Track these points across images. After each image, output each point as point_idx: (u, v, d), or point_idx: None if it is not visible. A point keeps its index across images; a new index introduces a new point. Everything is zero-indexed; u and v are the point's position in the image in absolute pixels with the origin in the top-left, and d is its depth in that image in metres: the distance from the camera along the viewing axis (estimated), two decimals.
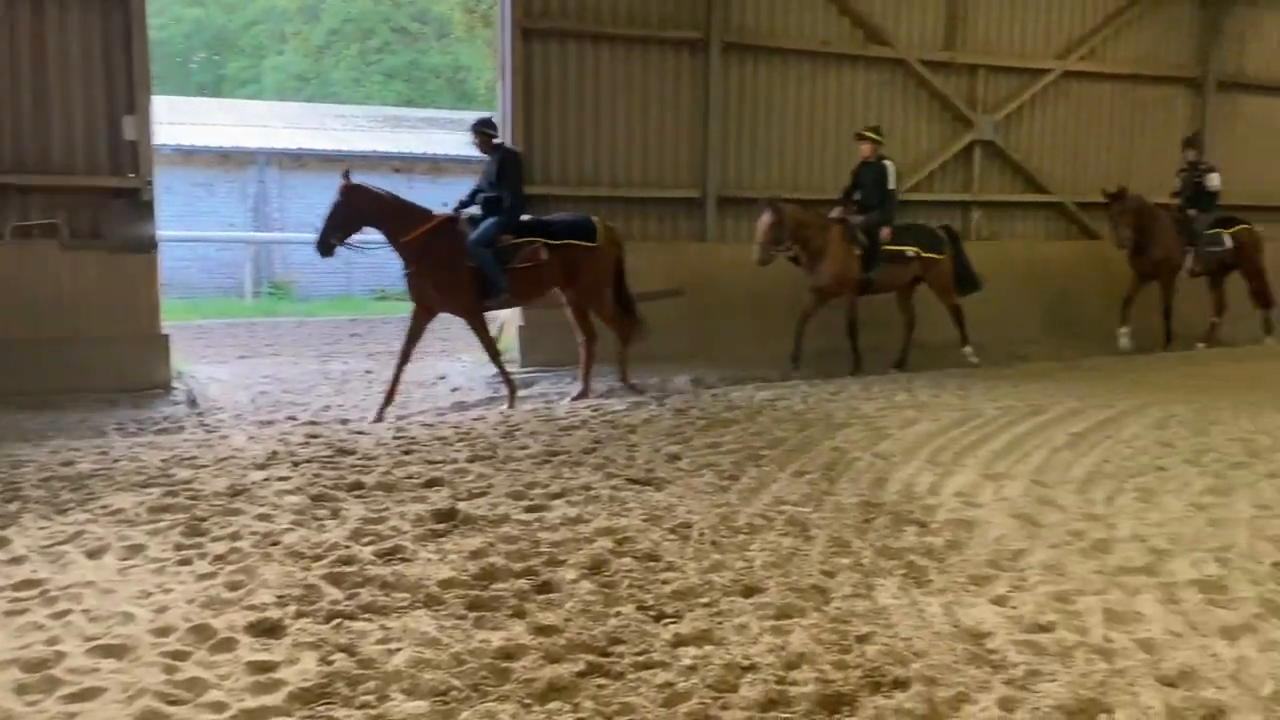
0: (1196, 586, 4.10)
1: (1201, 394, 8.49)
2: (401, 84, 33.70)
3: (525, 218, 8.43)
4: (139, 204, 8.55)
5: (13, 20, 8.20)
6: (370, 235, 8.30)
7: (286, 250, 20.13)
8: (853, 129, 10.81)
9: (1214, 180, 11.18)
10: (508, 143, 8.72)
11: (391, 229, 8.05)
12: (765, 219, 9.21)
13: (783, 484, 5.61)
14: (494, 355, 8.44)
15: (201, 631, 3.60)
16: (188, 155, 19.55)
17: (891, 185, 9.80)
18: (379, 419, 7.62)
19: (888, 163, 9.80)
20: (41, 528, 4.74)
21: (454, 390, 8.89)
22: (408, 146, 21.61)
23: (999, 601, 3.96)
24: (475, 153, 8.64)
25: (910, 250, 9.95)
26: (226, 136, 20.65)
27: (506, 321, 10.33)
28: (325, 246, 7.98)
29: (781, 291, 10.62)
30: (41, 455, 6.20)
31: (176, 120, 21.39)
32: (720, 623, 3.75)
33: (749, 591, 4.04)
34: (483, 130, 8.39)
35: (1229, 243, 11.25)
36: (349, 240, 8.11)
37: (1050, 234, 12.51)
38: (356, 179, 8.12)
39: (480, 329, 8.37)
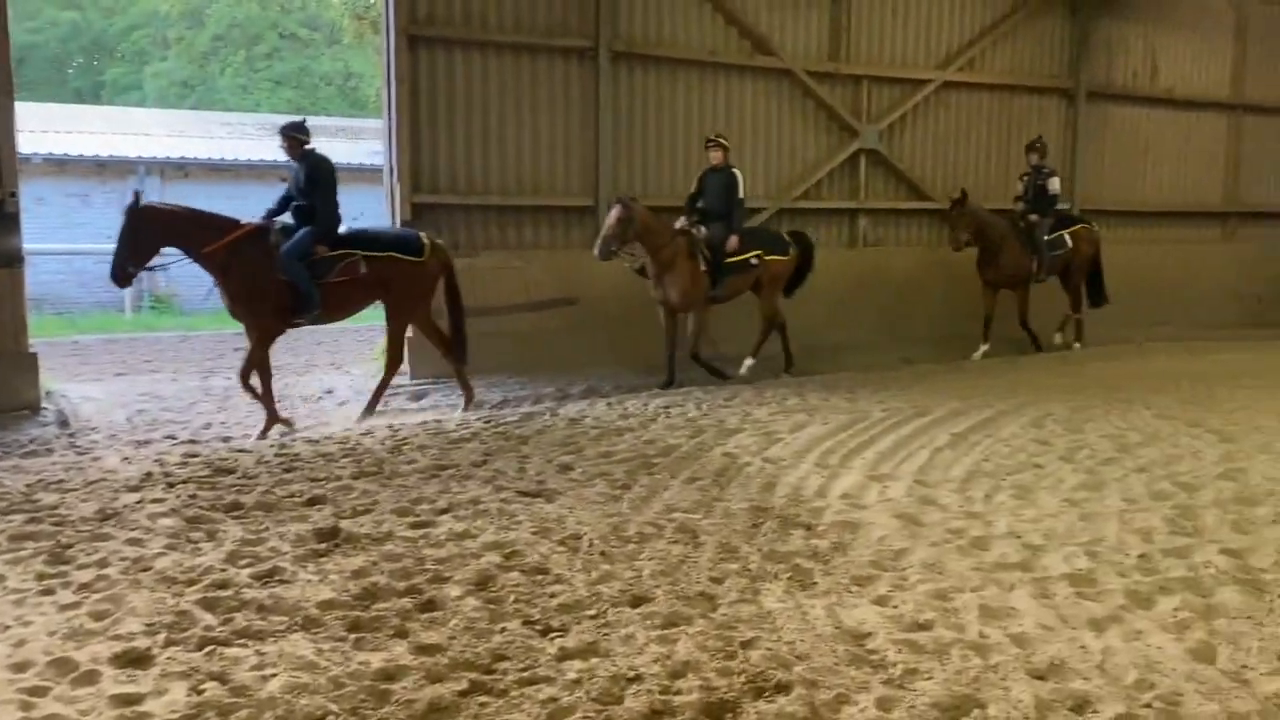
0: (1067, 580, 4.25)
1: (1077, 393, 8.83)
2: (291, 91, 32.90)
3: (344, 229, 8.05)
4: (2, 217, 8.13)
5: None
6: (177, 255, 7.77)
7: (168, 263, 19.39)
8: (740, 134, 11.00)
9: (1055, 184, 11.56)
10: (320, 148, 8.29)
11: (190, 243, 7.55)
12: (614, 214, 9.01)
13: (674, 491, 5.63)
14: (264, 379, 7.81)
15: (62, 665, 3.43)
16: (62, 165, 18.73)
17: (741, 194, 9.69)
18: (263, 438, 7.37)
19: (736, 170, 9.74)
20: None
21: (341, 404, 8.68)
22: None
23: (880, 601, 4.04)
24: (369, 160, 8.41)
25: (754, 257, 9.81)
26: (104, 145, 19.83)
27: None
28: (122, 275, 7.44)
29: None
30: None
31: (51, 128, 20.48)
32: (607, 634, 3.74)
33: (637, 601, 4.03)
34: (292, 134, 8.03)
35: (1070, 242, 11.65)
36: (151, 264, 7.64)
37: (934, 241, 12.87)
38: (244, 188, 7.77)
39: (258, 350, 7.80)
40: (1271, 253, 14.97)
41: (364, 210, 19.41)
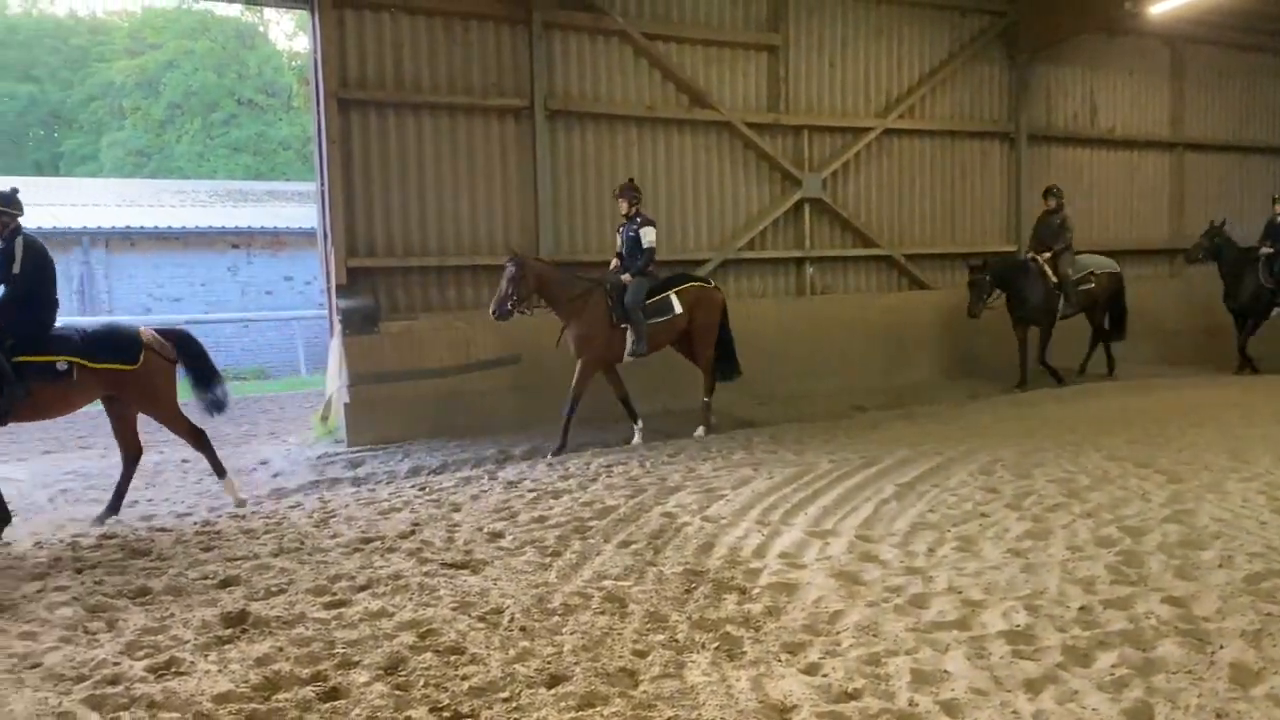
0: (1004, 638, 4.07)
1: (1027, 436, 8.73)
2: (249, 157, 32.84)
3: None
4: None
5: None
6: None
7: None
8: (681, 187, 10.94)
9: (649, 235, 9.23)
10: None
11: None
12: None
13: (606, 556, 5.41)
14: None
15: None
16: None
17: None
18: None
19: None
20: None
21: (275, 476, 8.40)
22: (246, 220, 20.89)
23: (810, 670, 3.85)
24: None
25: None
26: (49, 216, 19.55)
27: (333, 396, 9.92)
28: None
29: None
30: None
31: None
32: (518, 719, 3.51)
33: (554, 681, 3.81)
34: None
35: (678, 308, 9.39)
36: None
37: (881, 285, 12.86)
38: (192, 257, 7.45)
39: None
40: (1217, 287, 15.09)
41: (316, 274, 19.35)
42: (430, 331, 9.83)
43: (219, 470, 7.38)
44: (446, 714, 3.58)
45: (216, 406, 7.40)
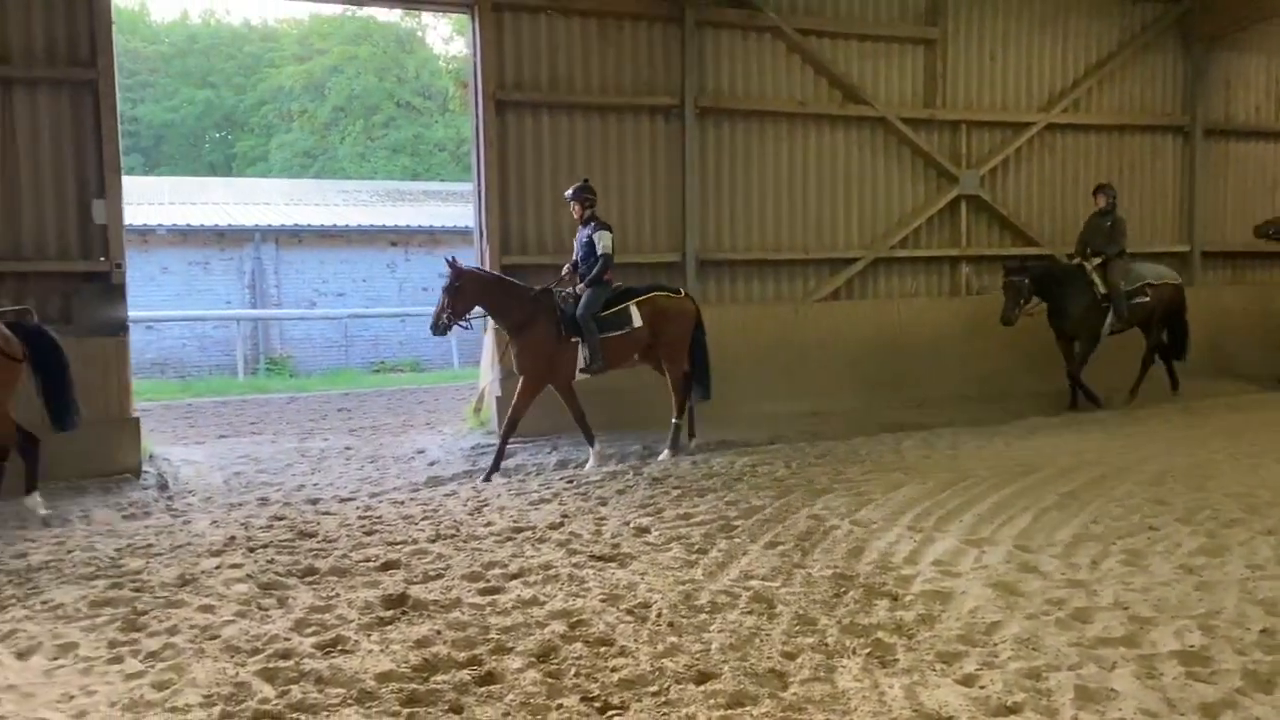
0: (1177, 659, 3.86)
1: (1200, 446, 8.25)
2: (406, 158, 34.15)
3: None
4: (110, 287, 8.48)
5: None
6: None
7: (284, 326, 20.16)
8: (833, 184, 10.75)
9: (604, 240, 8.43)
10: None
11: None
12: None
13: (753, 556, 5.39)
14: None
15: None
16: (185, 235, 19.67)
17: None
18: None
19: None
20: None
21: (431, 464, 8.70)
22: (405, 220, 21.72)
23: (966, 681, 3.73)
24: (471, 223, 8.19)
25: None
26: (223, 215, 20.81)
27: (485, 390, 10.20)
28: None
29: (776, 354, 10.51)
30: None
31: (178, 200, 21.61)
32: (667, 713, 3.54)
33: (702, 678, 3.82)
34: None
35: (637, 320, 8.57)
36: None
37: None
38: (354, 254, 7.72)
39: None
40: None
41: None
42: None
43: (29, 480, 6.96)
44: (597, 704, 3.63)
45: (58, 420, 7.04)
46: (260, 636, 4.31)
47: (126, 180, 9.00)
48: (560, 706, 3.60)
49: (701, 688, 3.72)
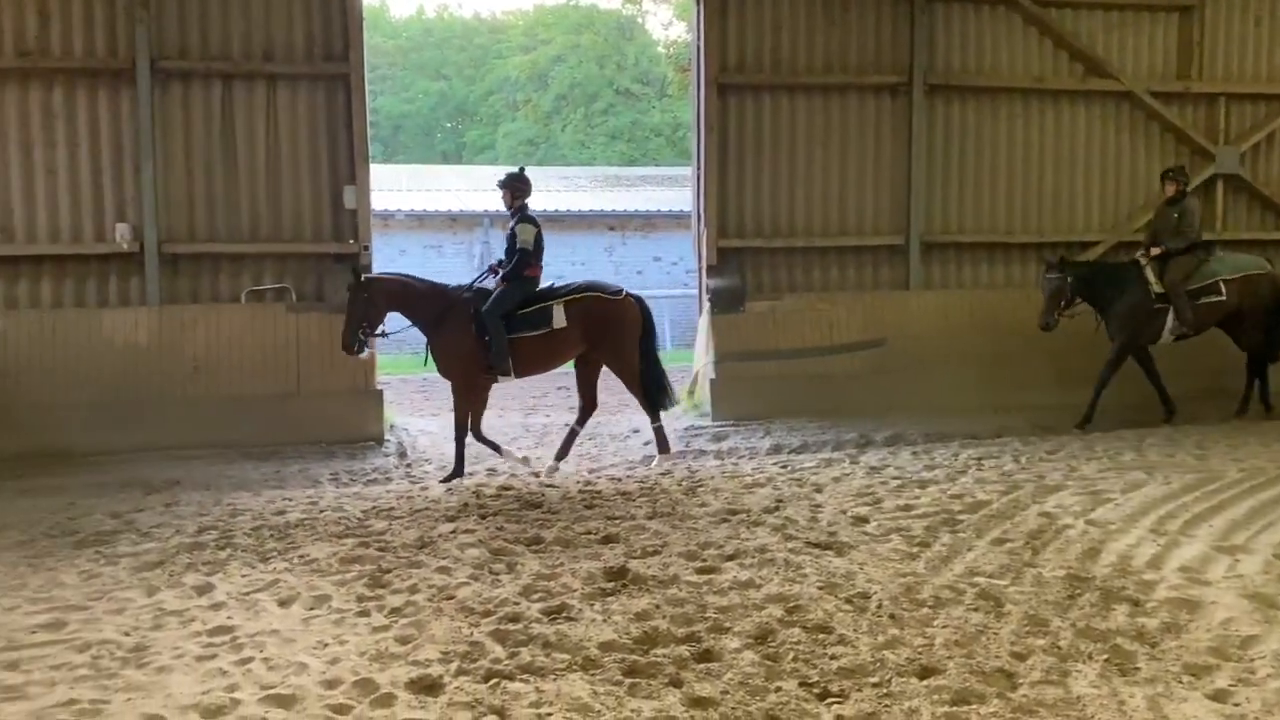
0: None
1: None
2: (623, 144, 34.91)
3: None
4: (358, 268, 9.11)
5: (250, 103, 9.05)
6: None
7: None
8: (1071, 164, 10.17)
9: (526, 234, 7.83)
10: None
11: None
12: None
13: (979, 553, 5.19)
14: None
15: (366, 686, 3.66)
16: (420, 220, 20.90)
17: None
18: None
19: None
20: (244, 575, 5.04)
21: (646, 444, 8.88)
22: (622, 205, 22.20)
23: (1218, 697, 3.46)
24: (687, 207, 8.24)
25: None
26: (455, 201, 21.94)
27: (699, 372, 10.29)
28: None
29: (993, 343, 10.05)
30: (257, 504, 6.64)
31: (414, 187, 22.99)
32: (888, 705, 3.47)
33: (925, 672, 3.72)
34: None
35: (559, 320, 7.77)
36: None
37: None
38: (573, 238, 7.79)
39: None
40: None
41: (682, 255, 20.17)
42: (794, 312, 9.93)
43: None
44: (816, 690, 3.61)
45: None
46: (492, 599, 4.54)
47: (370, 168, 9.65)
48: (779, 690, 3.60)
49: (925, 682, 3.62)
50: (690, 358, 11.83)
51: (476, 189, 23.58)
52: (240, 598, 4.68)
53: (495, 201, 22.01)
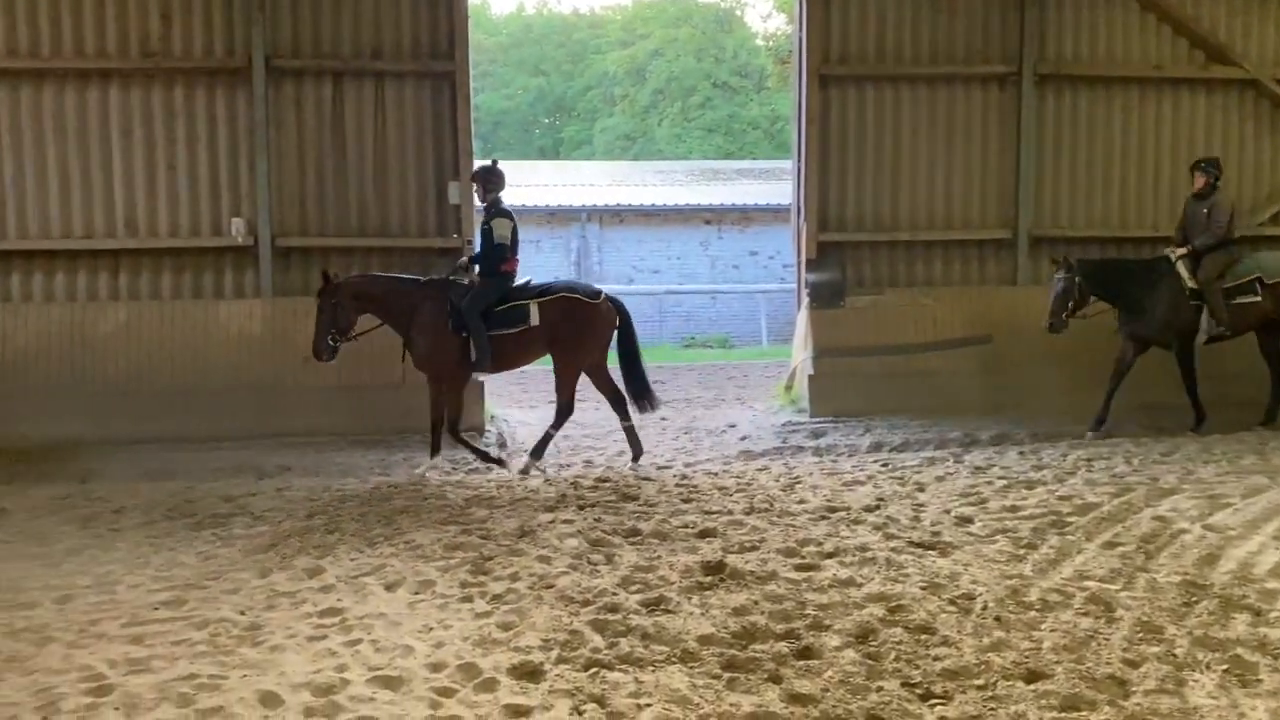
0: None
1: None
2: (721, 137, 34.84)
3: None
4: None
5: (360, 100, 9.30)
6: None
7: None
8: (1189, 155, 9.76)
9: (501, 229, 7.70)
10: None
11: None
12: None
13: (1089, 556, 5.04)
14: None
15: (469, 670, 3.73)
16: (519, 215, 21.10)
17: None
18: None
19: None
20: (352, 559, 5.19)
21: (742, 439, 8.85)
22: (719, 198, 22.16)
23: None
24: (784, 200, 8.29)
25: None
26: (553, 196, 22.19)
27: (797, 367, 10.20)
28: None
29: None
30: (365, 490, 6.83)
31: (513, 182, 23.29)
32: (994, 709, 3.39)
33: (1032, 676, 3.62)
34: None
35: (533, 319, 7.74)
36: None
37: None
38: (669, 232, 7.87)
39: None
40: None
41: (779, 249, 20.05)
42: (896, 307, 9.78)
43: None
44: (919, 691, 3.55)
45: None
46: (590, 589, 4.58)
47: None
48: (880, 689, 3.55)
49: (1032, 686, 3.53)
50: (788, 353, 11.75)
51: (574, 184, 23.86)
52: (349, 580, 4.82)
53: (592, 196, 22.43)
